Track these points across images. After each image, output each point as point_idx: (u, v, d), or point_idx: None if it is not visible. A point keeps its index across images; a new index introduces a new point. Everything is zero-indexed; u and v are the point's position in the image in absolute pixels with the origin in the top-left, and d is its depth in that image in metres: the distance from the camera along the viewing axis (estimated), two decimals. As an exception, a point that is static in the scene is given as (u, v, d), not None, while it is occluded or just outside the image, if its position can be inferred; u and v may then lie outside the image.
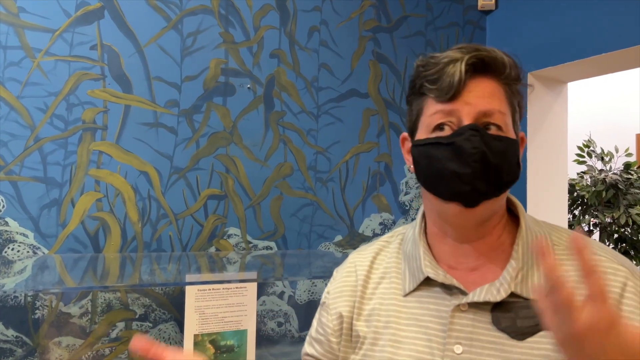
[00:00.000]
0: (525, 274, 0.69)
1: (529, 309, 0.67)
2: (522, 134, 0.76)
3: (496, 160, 0.67)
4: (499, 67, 0.70)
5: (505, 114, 0.70)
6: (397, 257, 0.81)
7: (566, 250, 0.71)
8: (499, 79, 0.71)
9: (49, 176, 1.43)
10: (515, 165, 0.70)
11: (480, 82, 0.70)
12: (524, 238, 0.72)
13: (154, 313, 1.52)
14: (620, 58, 1.70)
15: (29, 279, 1.26)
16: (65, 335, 1.42)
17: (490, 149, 0.67)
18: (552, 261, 0.51)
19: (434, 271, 0.73)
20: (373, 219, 1.86)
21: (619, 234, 3.60)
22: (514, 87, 0.72)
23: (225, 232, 1.63)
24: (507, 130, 0.70)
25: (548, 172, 2.02)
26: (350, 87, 1.84)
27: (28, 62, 1.41)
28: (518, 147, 0.72)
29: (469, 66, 0.68)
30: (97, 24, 1.49)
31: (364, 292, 0.80)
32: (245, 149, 1.67)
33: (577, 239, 0.51)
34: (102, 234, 1.48)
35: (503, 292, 0.68)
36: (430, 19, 2.00)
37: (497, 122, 0.69)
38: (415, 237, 0.79)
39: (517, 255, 0.70)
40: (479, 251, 0.73)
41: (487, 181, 0.67)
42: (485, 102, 0.68)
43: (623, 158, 3.81)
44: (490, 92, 0.70)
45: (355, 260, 0.85)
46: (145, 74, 1.54)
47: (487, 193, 0.68)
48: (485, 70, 0.70)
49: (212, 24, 1.63)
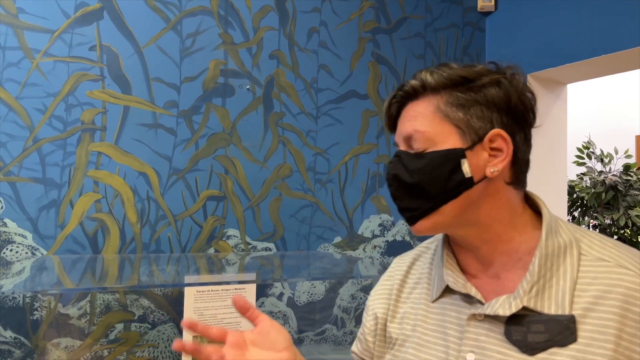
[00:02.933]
0: (542, 287, 0.67)
1: (541, 324, 0.65)
2: (496, 131, 0.69)
3: (412, 178, 0.71)
4: (418, 90, 0.73)
5: (428, 129, 0.70)
6: (430, 264, 0.83)
7: (596, 262, 0.67)
8: (429, 97, 0.72)
9: (48, 177, 1.43)
10: (445, 176, 0.69)
11: (409, 109, 0.74)
12: (543, 249, 0.69)
13: (152, 314, 1.51)
14: (619, 60, 1.70)
15: (27, 280, 1.26)
16: (64, 336, 1.41)
17: (406, 168, 0.71)
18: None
19: (454, 280, 0.74)
20: (372, 220, 1.86)
21: (618, 236, 3.60)
22: (452, 96, 0.70)
23: (224, 233, 1.63)
24: (437, 143, 0.70)
25: (548, 174, 2.02)
26: (350, 88, 1.84)
27: (27, 62, 1.41)
28: (451, 156, 0.69)
29: (398, 98, 0.75)
30: (96, 24, 1.49)
31: (399, 296, 0.83)
32: (244, 150, 1.67)
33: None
34: (101, 235, 1.48)
35: (514, 307, 0.67)
36: (429, 20, 2.00)
37: (416, 140, 0.71)
38: (441, 245, 0.81)
39: (534, 268, 0.68)
40: (489, 258, 0.73)
41: (410, 198, 0.71)
42: (406, 126, 0.73)
43: (622, 160, 3.82)
44: (412, 115, 0.73)
45: (396, 265, 0.89)
46: (144, 74, 1.54)
47: (415, 209, 0.71)
48: (413, 96, 0.74)
49: (212, 25, 1.63)
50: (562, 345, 0.63)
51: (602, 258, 0.67)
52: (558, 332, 0.64)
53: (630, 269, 0.65)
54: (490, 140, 0.70)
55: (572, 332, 0.64)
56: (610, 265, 0.66)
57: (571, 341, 0.63)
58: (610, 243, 0.69)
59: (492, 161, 0.70)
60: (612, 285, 0.64)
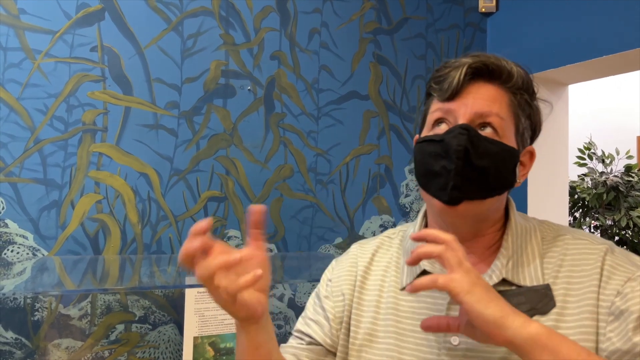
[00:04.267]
0: (516, 262, 0.72)
1: (521, 296, 0.69)
2: (531, 148, 0.76)
3: (481, 161, 0.68)
4: (504, 74, 0.71)
5: (505, 119, 0.70)
6: (397, 253, 0.82)
7: (555, 239, 0.74)
8: (505, 87, 0.71)
9: (49, 178, 1.43)
10: (506, 173, 0.70)
11: (483, 87, 0.71)
12: (513, 229, 0.74)
13: (153, 315, 1.51)
14: (621, 60, 1.70)
15: (28, 281, 1.26)
16: (65, 337, 1.41)
17: (476, 148, 0.67)
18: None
19: (431, 265, 0.75)
20: (373, 221, 1.86)
21: (619, 237, 3.60)
22: (522, 98, 0.72)
23: (225, 234, 1.63)
24: (504, 136, 0.70)
25: (549, 175, 2.02)
26: (351, 89, 1.84)
27: (28, 63, 1.41)
28: (515, 156, 0.71)
29: (472, 69, 0.70)
30: (97, 25, 1.49)
31: (363, 284, 0.82)
32: (245, 150, 1.67)
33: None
34: (102, 235, 1.48)
35: (495, 278, 0.70)
36: (430, 21, 2.00)
37: (493, 124, 0.69)
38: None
39: (507, 244, 0.73)
40: (474, 250, 0.75)
41: (470, 181, 0.68)
42: (483, 104, 0.70)
43: (624, 160, 3.81)
44: (491, 96, 0.70)
45: (357, 252, 0.86)
46: (145, 75, 1.54)
47: (468, 193, 0.68)
48: (490, 76, 0.71)
49: (213, 25, 1.63)
50: (544, 313, 0.67)
51: (559, 235, 0.75)
52: (538, 300, 0.68)
53: (584, 239, 0.72)
54: (523, 154, 0.75)
55: (551, 299, 0.68)
56: (568, 239, 0.73)
57: (551, 307, 0.68)
58: (563, 227, 0.77)
59: (521, 171, 0.76)
60: (572, 253, 0.71)
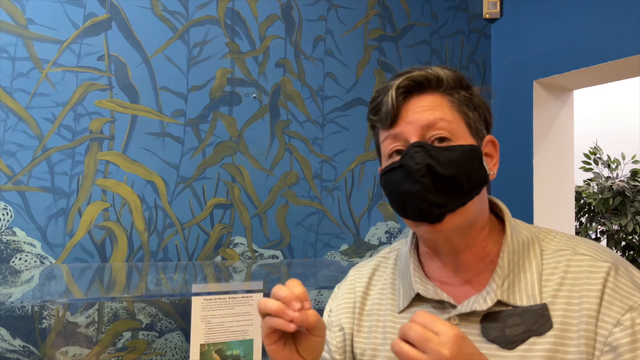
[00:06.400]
0: (512, 282, 0.69)
1: (517, 317, 0.67)
2: (490, 137, 0.75)
3: (447, 170, 0.67)
4: (433, 82, 0.71)
5: (452, 121, 0.70)
6: (392, 274, 0.81)
7: (555, 253, 0.71)
8: (439, 92, 0.71)
9: (57, 186, 1.44)
10: (476, 171, 0.69)
11: (419, 100, 0.71)
12: (509, 245, 0.71)
13: (160, 322, 1.52)
14: (626, 66, 1.70)
15: (36, 289, 1.27)
16: (72, 344, 1.42)
17: (437, 160, 0.67)
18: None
19: (424, 287, 0.74)
20: (379, 227, 1.86)
21: (626, 242, 3.58)
22: (460, 96, 0.72)
23: (231, 241, 1.63)
24: (459, 137, 0.70)
25: (554, 180, 2.01)
26: (356, 95, 1.84)
27: (36, 72, 1.42)
28: (477, 152, 0.70)
29: (402, 88, 0.70)
30: (104, 35, 1.50)
31: (362, 309, 0.81)
32: (251, 158, 1.67)
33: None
34: (109, 243, 1.48)
35: (489, 301, 0.68)
36: (435, 27, 2.00)
37: (443, 132, 0.69)
38: (407, 254, 0.79)
39: (503, 263, 0.70)
40: (467, 264, 0.73)
41: (443, 192, 0.67)
42: (425, 115, 0.69)
43: (630, 165, 3.80)
44: (430, 105, 0.70)
45: (355, 277, 0.86)
46: (152, 84, 1.55)
47: (447, 205, 0.67)
48: (421, 88, 0.71)
49: (218, 34, 1.64)
50: (541, 334, 0.65)
51: (560, 249, 0.71)
52: (534, 321, 0.66)
53: (586, 254, 0.69)
54: (485, 146, 0.74)
55: (547, 319, 0.66)
56: (569, 254, 0.70)
57: (548, 328, 0.65)
58: (565, 236, 0.74)
59: (490, 163, 0.74)
60: (573, 270, 0.68)
